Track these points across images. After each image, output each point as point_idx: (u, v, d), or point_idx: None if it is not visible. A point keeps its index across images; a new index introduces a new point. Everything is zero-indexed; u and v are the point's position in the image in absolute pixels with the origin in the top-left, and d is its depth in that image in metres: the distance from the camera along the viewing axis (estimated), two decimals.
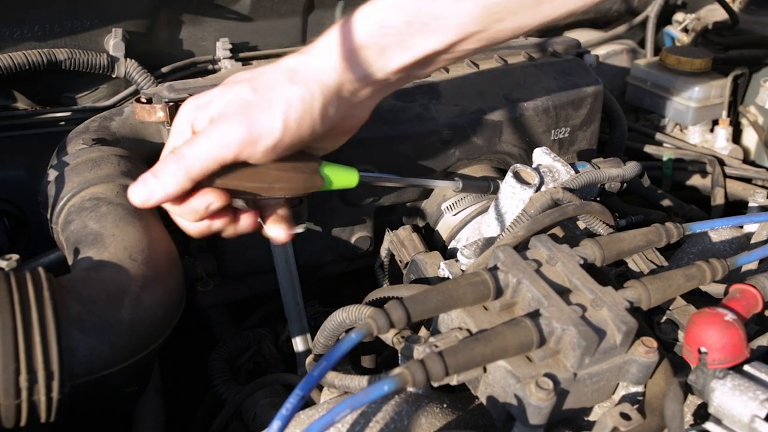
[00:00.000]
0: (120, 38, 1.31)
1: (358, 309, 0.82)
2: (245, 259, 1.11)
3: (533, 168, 0.99)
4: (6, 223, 1.23)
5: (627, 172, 1.04)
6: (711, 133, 1.82)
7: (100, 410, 0.88)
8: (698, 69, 1.78)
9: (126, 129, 1.11)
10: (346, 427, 0.71)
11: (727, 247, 1.03)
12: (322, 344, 0.87)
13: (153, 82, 1.32)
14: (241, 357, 1.17)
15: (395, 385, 0.62)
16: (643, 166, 1.13)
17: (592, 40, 1.98)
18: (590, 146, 1.30)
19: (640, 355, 0.69)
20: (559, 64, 1.28)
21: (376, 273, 1.18)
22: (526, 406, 0.64)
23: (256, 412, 1.02)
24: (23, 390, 0.67)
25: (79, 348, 0.73)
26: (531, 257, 0.75)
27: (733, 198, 1.55)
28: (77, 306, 0.74)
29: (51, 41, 1.27)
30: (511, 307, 0.73)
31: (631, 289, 0.73)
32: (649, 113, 1.88)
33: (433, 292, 0.69)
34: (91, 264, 0.81)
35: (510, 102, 1.18)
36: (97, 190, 0.94)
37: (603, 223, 0.90)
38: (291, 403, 0.60)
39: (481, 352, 0.65)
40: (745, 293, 0.77)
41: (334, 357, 0.63)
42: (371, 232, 1.16)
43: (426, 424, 0.73)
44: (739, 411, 0.66)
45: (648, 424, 0.66)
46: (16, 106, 1.31)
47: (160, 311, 0.82)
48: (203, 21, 1.40)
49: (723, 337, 0.69)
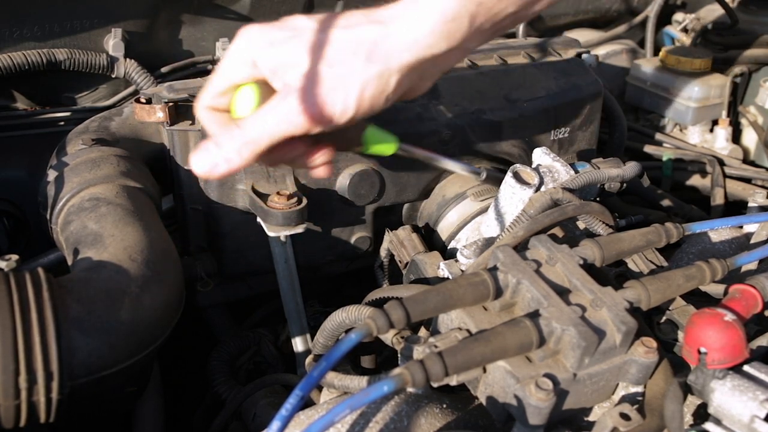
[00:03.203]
0: (120, 38, 1.31)
1: (357, 309, 0.82)
2: (245, 260, 1.11)
3: (533, 168, 0.99)
4: (6, 223, 1.23)
5: (627, 172, 1.04)
6: (711, 133, 1.82)
7: (100, 410, 0.88)
8: (698, 69, 1.78)
9: (126, 129, 1.11)
10: (345, 427, 0.71)
11: (727, 247, 1.03)
12: (322, 344, 0.87)
13: (153, 82, 1.32)
14: (241, 357, 1.17)
15: (395, 385, 0.61)
16: (643, 166, 1.13)
17: (592, 40, 1.98)
18: (590, 146, 1.30)
19: (640, 355, 0.69)
20: (559, 64, 1.28)
21: (375, 273, 1.18)
22: (525, 407, 0.64)
23: (256, 412, 1.02)
24: (23, 390, 0.67)
25: (79, 348, 0.73)
26: (531, 257, 0.75)
27: (733, 198, 1.55)
28: (77, 306, 0.74)
29: (51, 41, 1.27)
30: (511, 308, 0.73)
31: (631, 290, 0.73)
32: (649, 113, 1.88)
33: (433, 293, 0.69)
34: (90, 264, 0.81)
35: (510, 102, 1.18)
36: (96, 191, 0.94)
37: (603, 224, 0.90)
38: (291, 403, 0.60)
39: (481, 352, 0.65)
40: (744, 293, 0.77)
41: (334, 357, 0.63)
42: (371, 232, 1.16)
43: (426, 424, 0.73)
44: (738, 411, 0.66)
45: (648, 425, 0.66)
46: (16, 106, 1.31)
47: (160, 311, 0.82)
48: (203, 21, 1.40)
49: (723, 337, 0.69)
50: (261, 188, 1.02)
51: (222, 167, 0.71)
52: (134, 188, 0.98)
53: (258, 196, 1.00)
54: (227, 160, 0.71)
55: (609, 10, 2.07)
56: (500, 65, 1.25)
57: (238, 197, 1.05)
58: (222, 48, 1.39)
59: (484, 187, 1.11)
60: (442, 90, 1.16)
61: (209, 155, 0.72)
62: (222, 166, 0.71)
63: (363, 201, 1.11)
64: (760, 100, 1.80)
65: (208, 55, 1.41)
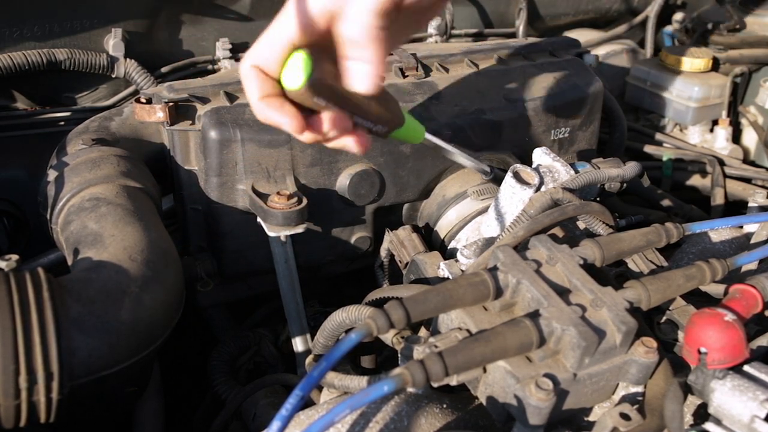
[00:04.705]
0: (120, 38, 1.31)
1: (357, 309, 0.82)
2: (245, 260, 1.11)
3: (533, 168, 0.99)
4: (6, 223, 1.23)
5: (627, 172, 1.04)
6: (711, 133, 1.82)
7: (100, 410, 0.87)
8: (698, 69, 1.78)
9: (126, 129, 1.11)
10: (345, 427, 0.71)
11: (727, 247, 1.03)
12: (322, 344, 0.87)
13: (153, 82, 1.32)
14: (241, 357, 1.17)
15: (395, 385, 0.61)
16: (643, 166, 1.13)
17: (592, 40, 1.98)
18: (590, 146, 1.30)
19: (640, 355, 0.69)
20: (559, 64, 1.28)
21: (376, 273, 1.18)
22: (525, 407, 0.64)
23: (256, 412, 1.02)
24: (23, 390, 0.67)
25: (79, 348, 0.73)
26: (531, 257, 0.75)
27: (733, 198, 1.55)
28: (77, 306, 0.74)
29: (51, 41, 1.27)
30: (511, 308, 0.73)
31: (631, 290, 0.73)
32: (649, 113, 1.88)
33: (433, 293, 0.69)
34: (90, 264, 0.81)
35: (510, 102, 1.18)
36: (96, 191, 0.94)
37: (603, 224, 0.90)
38: (291, 403, 0.60)
39: (481, 352, 0.65)
40: (744, 293, 0.77)
41: (334, 357, 0.63)
42: (371, 232, 1.16)
43: (426, 424, 0.73)
44: (738, 411, 0.66)
45: (648, 425, 0.66)
46: (16, 106, 1.31)
47: (160, 311, 0.82)
48: (203, 21, 1.40)
49: (723, 337, 0.69)
50: (261, 188, 1.02)
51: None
52: (134, 188, 0.98)
53: (258, 196, 1.00)
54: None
55: (609, 10, 2.07)
56: (500, 65, 1.25)
57: (238, 197, 1.05)
58: (222, 48, 1.39)
59: (484, 187, 1.11)
60: (442, 90, 1.16)
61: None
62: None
63: (363, 201, 1.11)
64: (760, 100, 1.80)
65: (208, 55, 1.41)
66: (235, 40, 1.40)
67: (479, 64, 1.23)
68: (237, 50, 1.40)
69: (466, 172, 1.16)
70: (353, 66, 0.68)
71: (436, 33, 1.65)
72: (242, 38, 1.42)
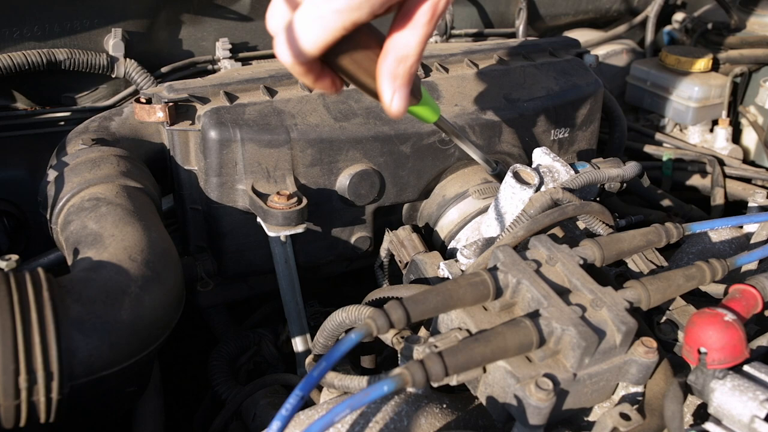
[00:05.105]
0: (120, 38, 1.31)
1: (357, 309, 0.82)
2: (245, 260, 1.11)
3: (533, 168, 0.99)
4: (6, 223, 1.23)
5: (627, 172, 1.04)
6: (711, 133, 1.82)
7: (100, 410, 0.87)
8: (698, 69, 1.78)
9: (125, 129, 1.11)
10: (345, 427, 0.71)
11: (727, 247, 1.03)
12: (322, 344, 0.87)
13: (153, 82, 1.32)
14: (241, 357, 1.17)
15: (395, 385, 0.61)
16: (643, 166, 1.13)
17: (592, 40, 1.98)
18: (590, 146, 1.30)
19: (640, 355, 0.69)
20: (559, 64, 1.29)
21: (376, 273, 1.18)
22: (525, 407, 0.64)
23: (256, 412, 1.02)
24: (23, 390, 0.67)
25: (79, 348, 0.73)
26: (531, 257, 0.75)
27: (733, 198, 1.55)
28: (77, 306, 0.74)
29: (51, 41, 1.27)
30: (511, 308, 0.73)
31: (631, 290, 0.73)
32: (649, 113, 1.88)
33: (433, 293, 0.69)
34: (90, 264, 0.81)
35: (510, 102, 1.18)
36: (96, 191, 0.94)
37: (603, 224, 0.90)
38: (291, 403, 0.60)
39: (481, 352, 0.65)
40: (744, 293, 0.77)
41: (334, 357, 0.63)
42: (371, 232, 1.16)
43: (426, 424, 0.73)
44: (738, 411, 0.66)
45: (648, 425, 0.66)
46: (16, 106, 1.31)
47: (160, 311, 0.82)
48: (203, 21, 1.40)
49: (723, 337, 0.69)
50: (261, 188, 1.02)
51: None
52: (134, 188, 0.98)
53: (258, 196, 1.00)
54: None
55: (609, 10, 2.07)
56: (500, 65, 1.25)
57: (238, 197, 1.05)
58: (222, 48, 1.39)
59: (485, 186, 1.11)
60: (443, 90, 1.16)
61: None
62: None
63: (363, 201, 1.11)
64: (760, 100, 1.80)
65: (208, 55, 1.41)
66: (235, 40, 1.40)
67: (479, 64, 1.23)
68: (237, 50, 1.40)
69: (465, 173, 1.17)
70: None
71: (436, 33, 1.65)
72: (242, 38, 1.42)
